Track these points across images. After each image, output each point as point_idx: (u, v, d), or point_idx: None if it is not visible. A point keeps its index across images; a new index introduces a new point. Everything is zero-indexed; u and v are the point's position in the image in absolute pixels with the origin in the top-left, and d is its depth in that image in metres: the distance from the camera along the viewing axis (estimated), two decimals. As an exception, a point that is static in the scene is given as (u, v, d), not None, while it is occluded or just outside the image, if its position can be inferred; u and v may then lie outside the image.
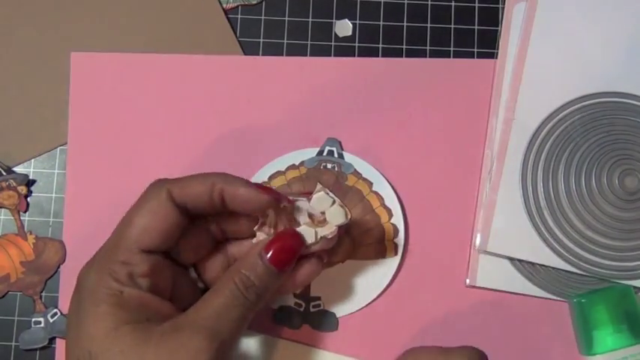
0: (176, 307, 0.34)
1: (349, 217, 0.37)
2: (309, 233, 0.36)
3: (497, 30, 0.48)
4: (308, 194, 0.38)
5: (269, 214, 0.37)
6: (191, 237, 0.36)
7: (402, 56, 0.48)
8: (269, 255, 0.34)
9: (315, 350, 0.44)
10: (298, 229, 0.36)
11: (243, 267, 0.34)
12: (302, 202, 0.37)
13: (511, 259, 0.45)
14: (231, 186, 0.34)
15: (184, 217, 0.35)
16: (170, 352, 0.30)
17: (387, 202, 0.45)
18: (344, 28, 0.49)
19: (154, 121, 0.47)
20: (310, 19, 0.48)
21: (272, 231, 0.37)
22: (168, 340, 0.31)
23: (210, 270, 0.38)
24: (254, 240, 0.37)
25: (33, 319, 0.44)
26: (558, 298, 0.45)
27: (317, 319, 0.44)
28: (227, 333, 0.32)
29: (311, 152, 0.46)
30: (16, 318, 0.45)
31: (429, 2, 0.49)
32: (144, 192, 0.35)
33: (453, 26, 0.48)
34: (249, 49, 0.48)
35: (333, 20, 0.49)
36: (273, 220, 0.37)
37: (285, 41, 0.48)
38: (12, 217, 0.46)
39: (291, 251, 0.35)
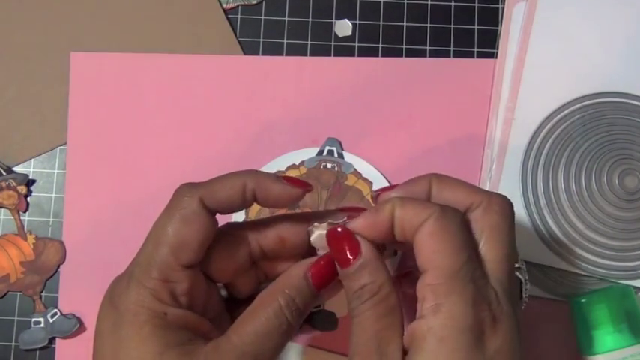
0: (212, 324, 0.33)
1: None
2: None
3: (497, 30, 0.48)
4: (350, 210, 0.36)
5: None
6: (229, 257, 0.35)
7: (402, 56, 0.48)
8: (311, 275, 0.33)
9: (316, 350, 0.44)
10: None
11: (287, 287, 0.32)
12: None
13: (511, 259, 0.45)
14: (262, 185, 0.33)
15: (215, 224, 0.33)
16: None
17: (387, 202, 0.45)
18: (344, 28, 0.49)
19: (153, 121, 0.47)
20: (310, 19, 0.49)
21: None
22: None
23: (240, 282, 0.36)
24: (312, 237, 0.34)
25: (33, 319, 0.44)
26: (558, 298, 0.45)
27: (317, 319, 0.44)
28: (268, 356, 0.31)
29: (311, 152, 0.46)
30: (16, 318, 0.45)
31: (429, 2, 0.49)
32: (172, 200, 0.33)
33: (453, 26, 0.48)
34: (249, 49, 0.48)
35: (333, 20, 0.49)
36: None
37: (285, 41, 0.48)
38: (12, 217, 0.46)
39: (333, 273, 0.33)
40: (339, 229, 0.32)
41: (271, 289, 0.33)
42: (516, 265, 0.34)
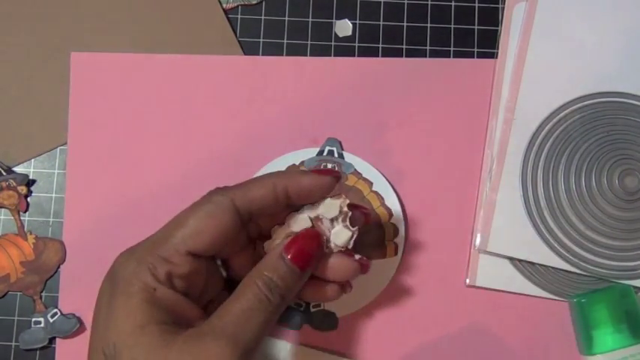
0: (203, 312, 0.34)
1: (353, 239, 0.36)
2: (342, 234, 0.36)
3: (497, 30, 0.48)
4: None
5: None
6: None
7: (402, 56, 0.48)
8: (290, 255, 0.34)
9: (315, 351, 0.44)
10: (333, 230, 0.36)
11: (266, 269, 0.33)
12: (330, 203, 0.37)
13: (511, 259, 0.45)
14: (293, 181, 0.34)
15: (240, 224, 0.34)
16: (192, 359, 0.30)
17: (387, 202, 0.45)
18: (344, 28, 0.49)
19: (153, 121, 0.47)
20: (310, 19, 0.49)
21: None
22: (191, 346, 0.30)
23: (238, 263, 0.37)
24: (273, 243, 0.37)
25: (33, 319, 0.44)
26: (558, 298, 0.45)
27: (317, 319, 0.44)
28: (251, 338, 0.32)
29: (311, 152, 0.46)
30: (16, 318, 0.45)
31: (429, 2, 0.49)
32: (203, 197, 0.34)
33: (453, 26, 0.48)
34: (249, 49, 0.48)
35: (333, 20, 0.49)
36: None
37: (285, 41, 0.48)
38: (12, 217, 0.46)
39: (312, 249, 0.35)
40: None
41: (251, 272, 0.34)
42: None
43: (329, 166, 0.46)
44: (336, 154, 0.46)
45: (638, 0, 0.47)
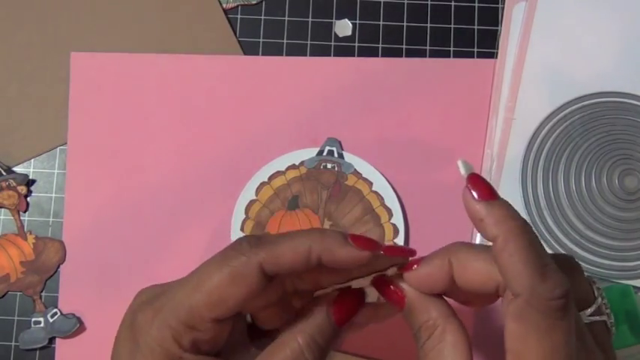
0: (231, 351, 0.32)
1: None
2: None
3: (497, 30, 0.48)
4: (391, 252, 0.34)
5: None
6: (264, 295, 0.33)
7: (402, 56, 0.48)
8: (336, 315, 0.31)
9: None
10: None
11: (309, 326, 0.31)
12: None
13: (511, 259, 0.45)
14: (329, 249, 0.31)
15: (267, 282, 0.31)
16: None
17: (387, 202, 0.45)
18: (344, 28, 0.49)
19: (153, 121, 0.47)
20: (310, 19, 0.49)
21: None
22: None
23: (266, 316, 0.35)
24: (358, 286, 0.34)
25: (33, 319, 0.44)
26: (558, 298, 0.45)
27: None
28: None
29: (311, 152, 0.46)
30: (16, 318, 0.45)
31: (429, 2, 0.49)
32: (228, 252, 0.31)
33: (453, 26, 0.48)
34: (249, 49, 0.48)
35: (333, 20, 0.49)
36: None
37: (285, 41, 0.48)
38: (12, 217, 0.46)
39: (355, 310, 0.32)
40: (384, 282, 0.32)
41: (291, 327, 0.31)
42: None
43: (329, 166, 0.46)
44: (336, 154, 0.46)
45: (637, 0, 0.47)
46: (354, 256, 0.31)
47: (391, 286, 0.32)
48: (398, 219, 0.45)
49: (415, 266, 0.31)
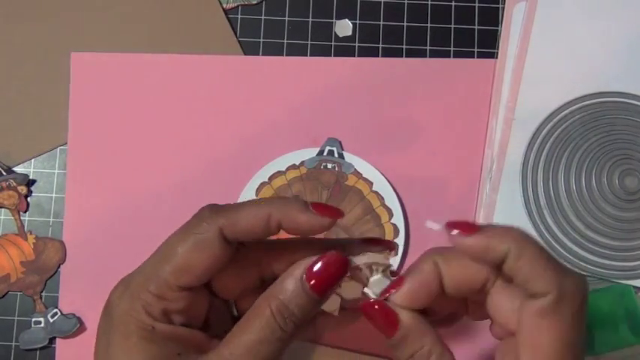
0: (208, 335, 0.32)
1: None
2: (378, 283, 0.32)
3: (497, 30, 0.48)
4: (373, 242, 0.34)
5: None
6: (237, 276, 0.33)
7: (402, 56, 0.48)
8: (312, 281, 0.30)
9: (317, 347, 0.44)
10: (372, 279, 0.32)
11: (282, 293, 0.30)
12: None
13: (511, 259, 0.45)
14: (289, 215, 0.31)
15: (232, 250, 0.31)
16: None
17: (387, 202, 0.45)
18: (344, 28, 0.49)
19: (153, 121, 0.47)
20: (310, 19, 0.49)
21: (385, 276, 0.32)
22: None
23: (248, 301, 0.34)
24: (366, 290, 0.32)
25: (33, 319, 0.44)
26: (558, 298, 0.45)
27: (317, 319, 0.44)
28: None
29: (311, 152, 0.46)
30: (16, 318, 0.45)
31: (429, 2, 0.49)
32: (191, 220, 0.32)
33: (453, 26, 0.48)
34: (249, 49, 0.48)
35: (333, 20, 0.49)
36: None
37: (285, 41, 0.48)
38: (12, 217, 0.46)
39: (337, 278, 0.31)
40: (376, 306, 0.30)
41: (265, 295, 0.31)
42: None
43: (329, 166, 0.46)
44: (336, 154, 0.46)
45: (637, 0, 0.47)
46: (314, 222, 0.31)
47: (383, 309, 0.30)
48: (398, 219, 0.45)
49: (404, 281, 0.30)
